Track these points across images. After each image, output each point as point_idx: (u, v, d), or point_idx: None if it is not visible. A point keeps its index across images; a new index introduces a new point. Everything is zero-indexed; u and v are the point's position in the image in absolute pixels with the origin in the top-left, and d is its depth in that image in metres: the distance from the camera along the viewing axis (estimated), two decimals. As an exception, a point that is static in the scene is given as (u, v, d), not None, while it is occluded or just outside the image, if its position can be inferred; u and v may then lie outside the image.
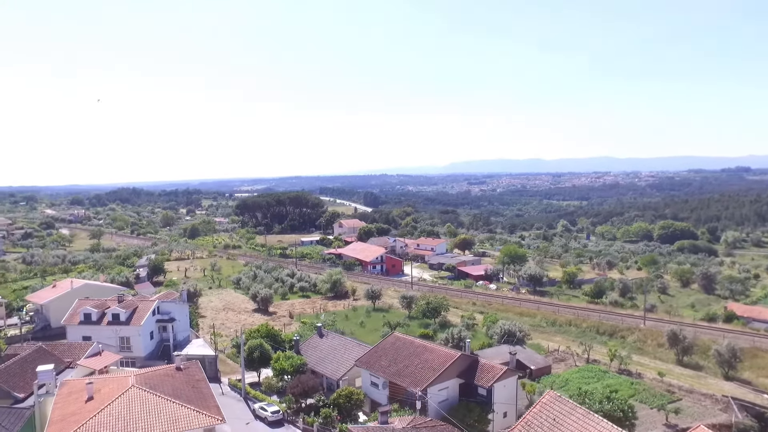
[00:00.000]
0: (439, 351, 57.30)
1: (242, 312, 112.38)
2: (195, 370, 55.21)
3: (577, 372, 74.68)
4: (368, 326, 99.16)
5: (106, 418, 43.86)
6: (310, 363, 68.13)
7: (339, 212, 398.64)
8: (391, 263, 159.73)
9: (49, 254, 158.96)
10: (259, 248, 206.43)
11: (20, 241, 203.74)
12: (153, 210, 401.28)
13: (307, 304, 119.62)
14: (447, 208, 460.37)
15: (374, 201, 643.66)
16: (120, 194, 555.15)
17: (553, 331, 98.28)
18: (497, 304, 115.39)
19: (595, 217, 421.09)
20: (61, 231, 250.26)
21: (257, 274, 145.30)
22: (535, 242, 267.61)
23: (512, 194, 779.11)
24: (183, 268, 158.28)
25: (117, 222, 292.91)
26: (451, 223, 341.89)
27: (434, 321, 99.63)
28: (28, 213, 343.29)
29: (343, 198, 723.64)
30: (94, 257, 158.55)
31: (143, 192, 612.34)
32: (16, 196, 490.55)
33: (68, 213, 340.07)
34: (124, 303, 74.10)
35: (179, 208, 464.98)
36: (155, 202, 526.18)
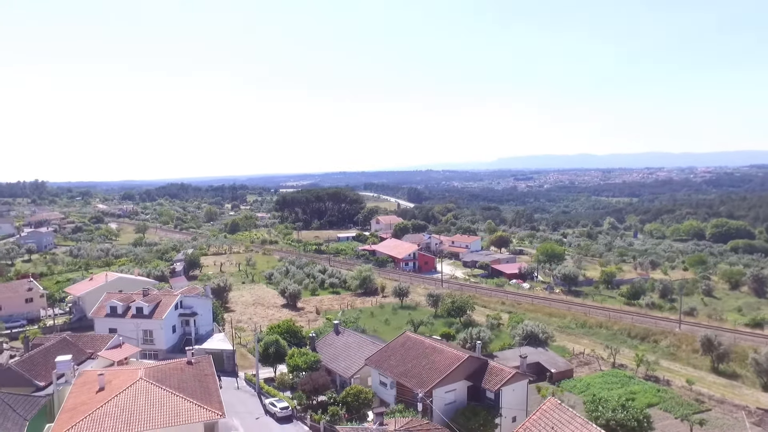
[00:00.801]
0: (448, 352, 56.24)
1: (271, 307, 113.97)
2: (205, 365, 56.21)
3: (600, 377, 72.02)
4: (393, 324, 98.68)
5: (112, 408, 45.25)
6: (324, 360, 68.34)
7: (381, 208, 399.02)
8: (424, 260, 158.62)
9: (95, 248, 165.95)
10: (294, 244, 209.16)
11: (70, 234, 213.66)
12: (199, 205, 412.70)
13: (336, 301, 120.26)
14: (489, 205, 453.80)
15: (418, 197, 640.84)
16: (169, 189, 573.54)
17: (582, 333, 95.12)
18: (527, 303, 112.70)
19: (644, 215, 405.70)
20: (110, 225, 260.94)
21: (289, 269, 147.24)
22: (578, 240, 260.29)
23: (559, 190, 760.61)
24: (219, 262, 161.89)
25: (162, 217, 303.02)
26: (493, 219, 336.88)
27: (459, 320, 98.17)
28: (82, 208, 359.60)
29: (387, 194, 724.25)
30: (135, 251, 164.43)
31: (191, 187, 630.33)
32: (73, 192, 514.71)
33: (118, 208, 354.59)
34: (148, 297, 76.33)
35: (224, 204, 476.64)
36: (202, 197, 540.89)
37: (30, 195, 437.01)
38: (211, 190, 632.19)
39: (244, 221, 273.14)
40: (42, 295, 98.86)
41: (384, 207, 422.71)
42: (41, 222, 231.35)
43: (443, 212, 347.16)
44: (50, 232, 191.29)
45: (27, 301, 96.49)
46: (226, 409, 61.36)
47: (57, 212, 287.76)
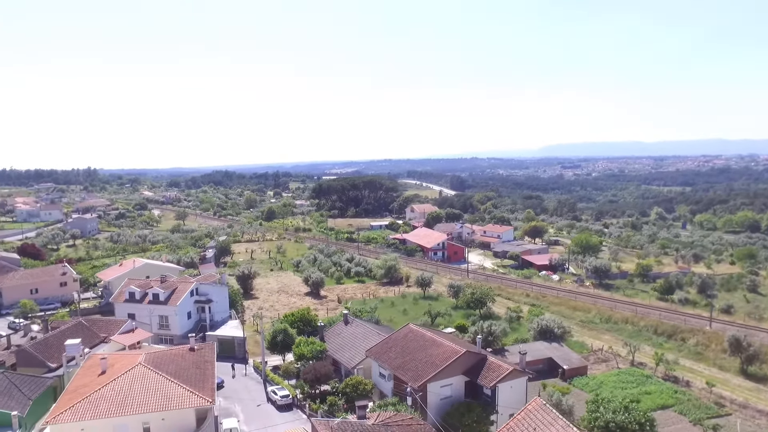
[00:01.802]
0: (446, 346, 55.31)
1: (294, 295, 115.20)
2: (206, 352, 57.32)
3: (615, 375, 69.55)
4: (411, 314, 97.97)
5: (109, 392, 46.72)
6: (330, 350, 68.58)
7: (422, 196, 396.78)
8: (453, 250, 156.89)
9: (133, 234, 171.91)
10: (327, 232, 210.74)
11: (114, 221, 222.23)
12: (242, 192, 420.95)
13: (360, 290, 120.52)
14: (531, 193, 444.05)
15: (461, 185, 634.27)
16: (214, 177, 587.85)
17: (606, 328, 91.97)
18: (552, 296, 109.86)
19: (696, 205, 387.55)
20: (153, 212, 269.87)
21: (317, 257, 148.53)
22: (621, 231, 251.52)
23: (607, 179, 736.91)
24: (250, 250, 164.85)
25: (203, 204, 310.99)
26: (534, 209, 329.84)
27: (478, 312, 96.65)
28: (129, 194, 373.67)
29: (431, 181, 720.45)
30: (171, 237, 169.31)
31: (235, 175, 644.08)
32: (123, 179, 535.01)
33: (162, 195, 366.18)
34: (165, 284, 78.41)
35: (267, 191, 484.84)
36: (245, 184, 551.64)
37: (83, 182, 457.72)
38: (255, 177, 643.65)
39: (281, 209, 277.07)
40: (75, 280, 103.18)
41: (425, 195, 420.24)
42: (88, 208, 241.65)
43: (483, 201, 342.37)
44: (94, 218, 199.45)
45: (62, 285, 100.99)
46: (231, 395, 63.32)
47: (103, 199, 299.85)
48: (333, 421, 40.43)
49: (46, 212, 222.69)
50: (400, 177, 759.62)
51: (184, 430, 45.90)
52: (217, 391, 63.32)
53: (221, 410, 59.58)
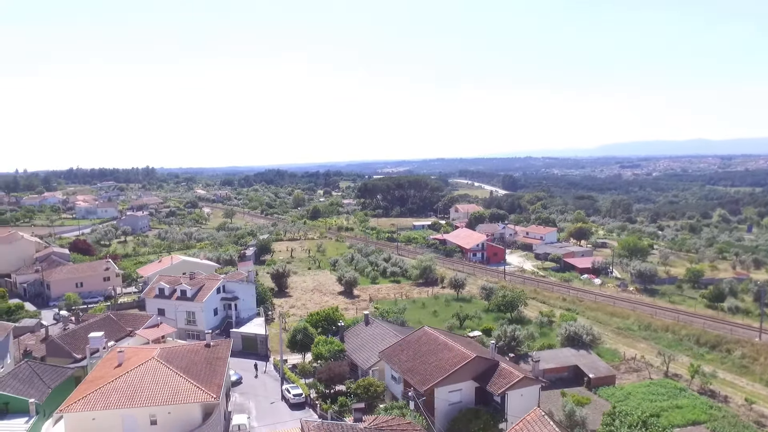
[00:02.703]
0: (457, 350, 54.01)
1: (328, 294, 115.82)
2: (221, 349, 58.31)
3: (646, 386, 65.95)
4: (441, 316, 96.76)
5: (120, 384, 48.27)
6: (348, 350, 68.47)
7: (471, 196, 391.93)
8: (493, 251, 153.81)
9: (180, 231, 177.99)
10: (368, 231, 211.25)
11: (164, 218, 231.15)
12: (292, 191, 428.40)
13: (394, 290, 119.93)
14: (583, 194, 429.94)
15: (513, 185, 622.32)
16: (266, 175, 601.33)
17: (643, 336, 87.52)
18: (589, 301, 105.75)
19: (765, 207, 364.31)
20: (204, 210, 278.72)
21: (354, 257, 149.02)
22: (677, 233, 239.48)
23: (669, 179, 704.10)
24: (291, 248, 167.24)
25: (252, 202, 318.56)
26: (586, 209, 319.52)
27: (509, 315, 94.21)
28: (184, 193, 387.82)
29: (482, 181, 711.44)
30: (216, 235, 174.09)
31: (287, 173, 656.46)
32: (179, 177, 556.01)
33: (214, 193, 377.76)
34: (193, 281, 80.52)
35: (317, 190, 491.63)
36: (296, 183, 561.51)
37: (141, 180, 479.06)
38: (307, 176, 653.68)
39: (327, 207, 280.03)
40: (118, 275, 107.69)
41: (475, 195, 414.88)
42: (141, 206, 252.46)
43: (532, 201, 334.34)
44: (145, 216, 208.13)
45: (105, 279, 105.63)
46: (248, 392, 64.21)
47: (156, 197, 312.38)
48: (317, 422, 40.06)
49: (102, 209, 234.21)
50: (451, 176, 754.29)
51: (189, 424, 46.71)
52: (234, 387, 65.08)
53: (236, 406, 60.65)
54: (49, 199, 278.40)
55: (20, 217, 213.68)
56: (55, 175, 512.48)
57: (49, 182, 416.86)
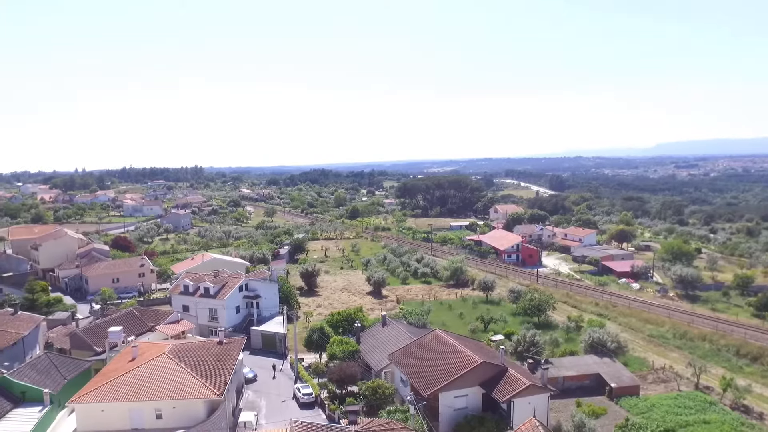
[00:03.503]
0: (464, 355, 52.81)
1: (356, 293, 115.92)
2: (232, 347, 59.04)
3: (673, 398, 62.64)
4: (466, 318, 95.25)
5: (130, 378, 49.62)
6: (363, 351, 68.28)
7: (517, 196, 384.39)
8: (528, 253, 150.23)
9: (219, 229, 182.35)
10: (405, 231, 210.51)
11: (206, 216, 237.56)
12: (335, 190, 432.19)
13: (423, 291, 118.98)
14: (633, 194, 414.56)
15: (560, 185, 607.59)
16: (311, 175, 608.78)
17: (677, 344, 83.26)
18: (623, 306, 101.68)
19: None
20: (246, 208, 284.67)
21: (387, 257, 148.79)
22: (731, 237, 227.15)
23: (728, 179, 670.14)
24: (326, 247, 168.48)
25: (294, 201, 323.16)
26: (635, 211, 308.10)
27: (537, 319, 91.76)
28: (229, 192, 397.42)
29: (529, 181, 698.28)
30: (253, 234, 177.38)
31: (331, 173, 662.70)
32: (226, 176, 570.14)
33: (257, 192, 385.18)
34: (217, 278, 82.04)
35: (360, 189, 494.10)
36: (341, 182, 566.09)
37: (189, 179, 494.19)
38: (351, 175, 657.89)
39: (367, 207, 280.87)
40: (153, 271, 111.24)
41: (520, 195, 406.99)
42: (185, 205, 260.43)
43: (577, 202, 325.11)
44: (188, 214, 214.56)
45: (140, 275, 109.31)
46: (261, 390, 64.85)
47: (200, 196, 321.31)
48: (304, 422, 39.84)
49: (148, 208, 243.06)
50: (497, 176, 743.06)
51: (193, 419, 47.44)
52: (249, 384, 65.87)
53: (247, 403, 61.37)
54: (100, 197, 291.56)
55: (72, 214, 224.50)
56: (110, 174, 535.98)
57: (102, 181, 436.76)
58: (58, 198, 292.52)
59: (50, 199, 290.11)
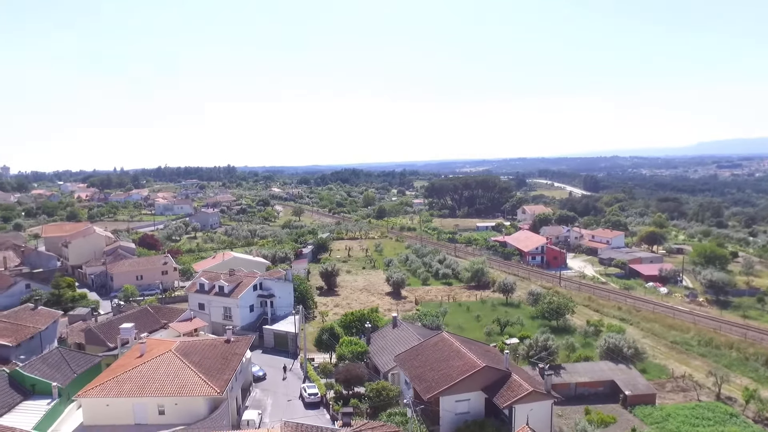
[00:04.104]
0: (467, 359, 51.94)
1: (375, 294, 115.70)
2: (239, 346, 59.61)
3: (691, 408, 60.23)
4: (483, 321, 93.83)
5: (135, 374, 50.62)
6: (371, 352, 68.02)
7: (549, 197, 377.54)
8: (553, 255, 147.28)
9: (245, 228, 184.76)
10: (430, 231, 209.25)
11: (235, 215, 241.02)
12: (366, 190, 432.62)
13: (442, 292, 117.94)
14: (669, 195, 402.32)
15: (594, 185, 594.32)
16: (341, 174, 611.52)
17: (701, 352, 79.99)
18: (646, 311, 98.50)
19: None
20: (275, 207, 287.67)
21: (409, 257, 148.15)
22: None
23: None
24: (349, 247, 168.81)
25: (323, 201, 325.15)
26: (670, 212, 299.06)
27: (555, 323, 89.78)
28: (260, 191, 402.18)
29: (563, 181, 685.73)
30: (279, 233, 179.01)
31: (362, 172, 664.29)
32: (258, 176, 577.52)
33: (286, 192, 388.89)
34: (232, 277, 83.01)
35: (391, 189, 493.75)
36: (371, 182, 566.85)
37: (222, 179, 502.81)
38: (383, 175, 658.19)
39: (395, 207, 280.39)
40: (175, 269, 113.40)
41: (552, 195, 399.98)
42: (215, 204, 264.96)
43: (610, 203, 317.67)
44: (216, 213, 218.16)
45: (163, 273, 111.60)
46: (269, 388, 65.23)
47: (230, 195, 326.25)
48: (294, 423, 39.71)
49: (178, 206, 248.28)
50: (530, 176, 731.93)
51: (194, 416, 48.06)
52: (258, 383, 66.35)
53: (254, 401, 61.82)
54: (133, 195, 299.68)
55: (105, 212, 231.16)
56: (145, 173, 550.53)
57: (138, 180, 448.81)
58: (93, 196, 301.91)
59: (86, 197, 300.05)
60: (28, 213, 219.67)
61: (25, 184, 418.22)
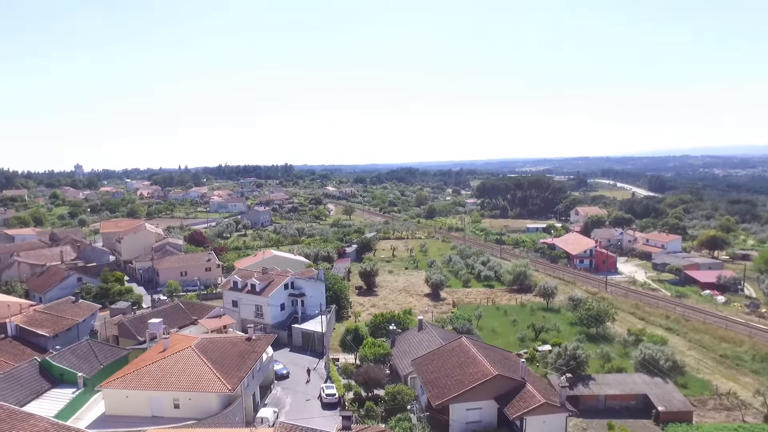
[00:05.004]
0: (481, 366, 50.47)
1: (414, 295, 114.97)
2: (260, 344, 60.51)
3: (733, 429, 56.00)
4: (520, 326, 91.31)
5: (155, 368, 52.23)
6: (394, 354, 67.53)
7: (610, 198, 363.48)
8: (602, 258, 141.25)
9: (292, 227, 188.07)
10: (478, 232, 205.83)
11: (286, 213, 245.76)
12: (421, 189, 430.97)
13: (483, 295, 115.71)
14: (741, 197, 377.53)
15: (660, 186, 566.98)
16: (398, 173, 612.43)
17: (754, 368, 74.15)
18: (696, 321, 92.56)
19: None
20: (328, 206, 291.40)
21: (452, 258, 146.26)
22: None
23: None
24: (394, 247, 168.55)
25: (375, 200, 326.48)
26: (743, 215, 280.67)
27: (594, 330, 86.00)
28: (315, 189, 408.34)
29: (627, 182, 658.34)
30: (326, 231, 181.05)
31: (418, 171, 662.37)
32: (315, 174, 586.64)
33: (340, 191, 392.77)
34: (265, 276, 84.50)
35: (446, 188, 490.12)
36: (427, 181, 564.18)
37: (279, 177, 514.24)
38: (439, 174, 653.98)
39: (446, 206, 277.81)
40: (218, 266, 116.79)
41: (613, 196, 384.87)
42: (268, 202, 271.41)
43: (674, 204, 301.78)
44: (267, 211, 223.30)
45: (206, 270, 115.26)
46: (290, 387, 65.88)
47: (284, 194, 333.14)
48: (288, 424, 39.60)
49: (232, 204, 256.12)
50: (592, 176, 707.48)
51: (206, 411, 49.08)
52: (280, 381, 67.14)
53: (273, 399, 62.58)
54: (191, 193, 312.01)
55: (163, 209, 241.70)
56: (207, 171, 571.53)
57: (198, 178, 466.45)
58: (154, 194, 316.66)
59: (148, 194, 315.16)
60: (93, 209, 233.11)
61: (95, 181, 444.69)
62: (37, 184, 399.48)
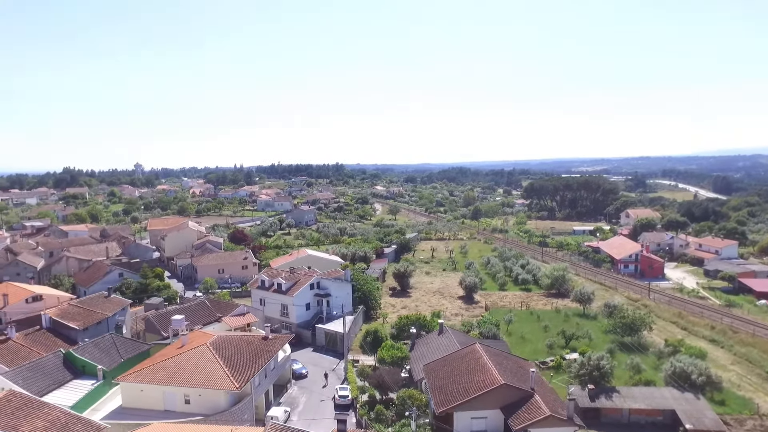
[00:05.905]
0: (489, 374, 49.13)
1: (448, 297, 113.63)
2: (275, 343, 61.24)
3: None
4: (551, 332, 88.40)
5: (170, 363, 53.80)
6: (412, 358, 66.98)
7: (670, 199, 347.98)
8: (648, 263, 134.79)
9: (335, 226, 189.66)
10: (522, 234, 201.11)
11: (331, 213, 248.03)
12: (471, 189, 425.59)
13: (518, 298, 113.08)
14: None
15: (726, 187, 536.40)
16: (448, 173, 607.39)
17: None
18: (745, 333, 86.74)
19: None
20: (375, 206, 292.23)
21: (491, 260, 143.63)
22: None
23: None
24: (434, 248, 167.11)
25: (422, 199, 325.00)
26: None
27: (629, 339, 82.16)
28: (365, 189, 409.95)
29: (690, 182, 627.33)
30: (368, 231, 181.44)
31: (470, 171, 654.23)
32: (366, 173, 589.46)
33: (387, 190, 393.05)
34: (291, 275, 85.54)
35: (497, 188, 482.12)
36: (479, 181, 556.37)
37: (330, 176, 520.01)
38: (491, 173, 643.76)
39: (492, 207, 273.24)
40: (255, 264, 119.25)
41: (674, 198, 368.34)
42: (314, 201, 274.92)
43: (738, 207, 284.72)
44: (312, 210, 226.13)
45: (243, 267, 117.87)
46: (306, 387, 66.44)
47: (331, 193, 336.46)
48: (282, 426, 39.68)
49: (279, 203, 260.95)
50: (652, 177, 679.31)
51: (214, 408, 50.15)
52: (298, 380, 67.76)
53: (288, 398, 63.23)
54: (240, 192, 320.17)
55: (211, 207, 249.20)
56: (260, 170, 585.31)
57: (251, 177, 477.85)
58: (205, 192, 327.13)
59: (200, 193, 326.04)
60: (146, 207, 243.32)
61: (153, 180, 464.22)
62: (99, 182, 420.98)
